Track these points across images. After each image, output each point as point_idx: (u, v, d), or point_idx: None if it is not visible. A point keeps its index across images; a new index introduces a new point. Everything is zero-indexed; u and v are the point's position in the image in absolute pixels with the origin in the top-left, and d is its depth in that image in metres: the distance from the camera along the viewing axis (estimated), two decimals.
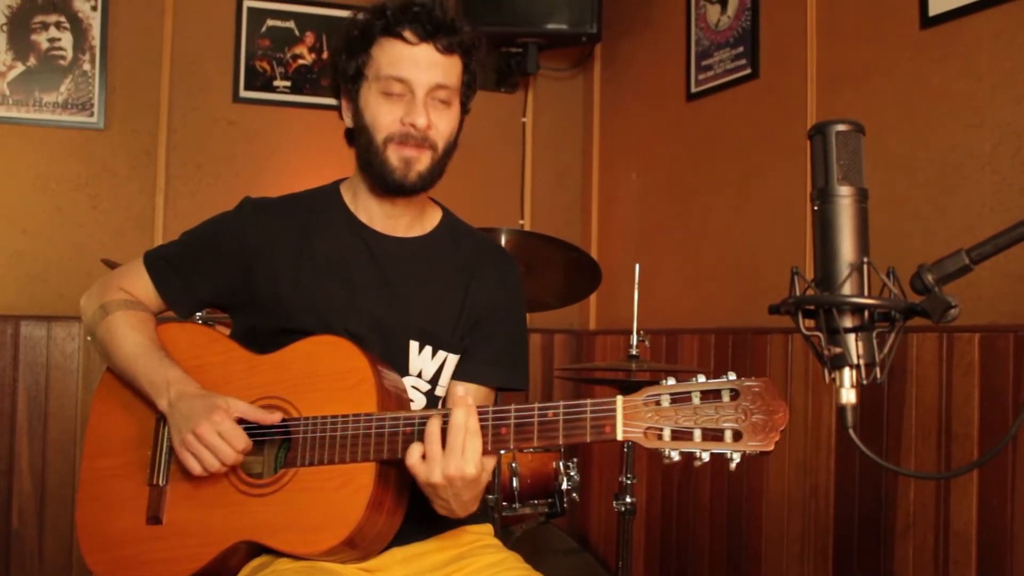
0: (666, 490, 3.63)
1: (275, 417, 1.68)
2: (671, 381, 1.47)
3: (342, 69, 1.81)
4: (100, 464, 1.83)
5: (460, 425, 1.52)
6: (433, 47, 1.76)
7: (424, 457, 1.53)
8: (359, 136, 1.80)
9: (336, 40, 1.84)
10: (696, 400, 1.44)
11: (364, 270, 1.83)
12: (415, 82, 1.75)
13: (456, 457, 1.51)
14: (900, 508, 2.63)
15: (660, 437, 1.44)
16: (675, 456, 1.43)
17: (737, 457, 1.41)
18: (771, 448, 1.40)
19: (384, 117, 1.76)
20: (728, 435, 1.41)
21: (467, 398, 1.55)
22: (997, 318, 2.44)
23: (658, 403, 1.46)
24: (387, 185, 1.79)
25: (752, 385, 1.42)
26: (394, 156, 1.76)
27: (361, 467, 1.62)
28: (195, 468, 1.67)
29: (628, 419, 1.47)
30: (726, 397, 1.43)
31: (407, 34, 1.75)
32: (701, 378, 1.46)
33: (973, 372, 2.46)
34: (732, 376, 1.44)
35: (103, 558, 1.77)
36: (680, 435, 1.43)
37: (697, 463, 1.43)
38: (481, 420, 1.56)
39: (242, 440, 1.66)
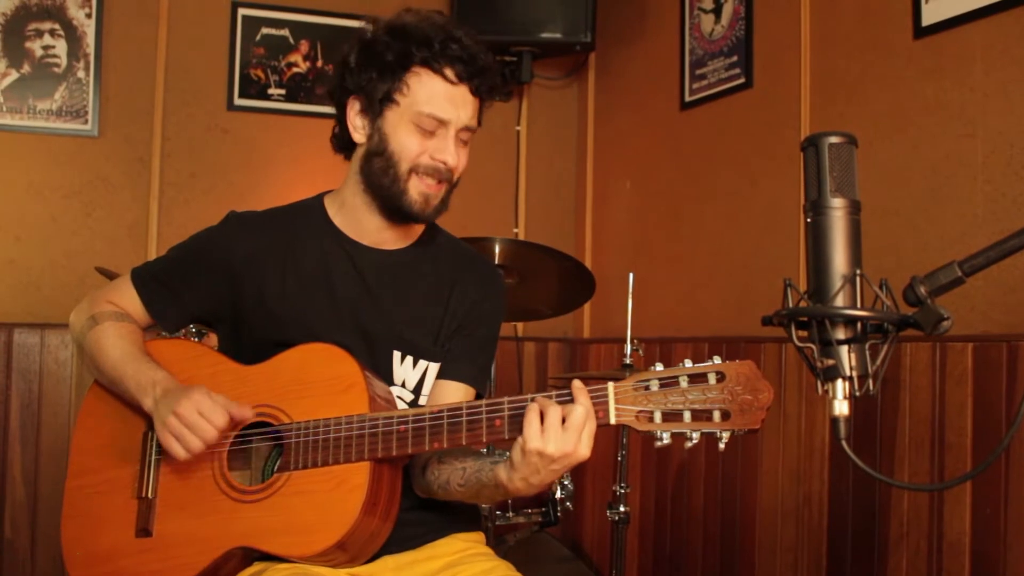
0: (659, 499, 3.63)
1: (249, 413, 1.69)
2: (659, 367, 1.52)
3: (367, 87, 1.78)
4: (84, 481, 1.83)
5: (589, 408, 1.51)
6: (469, 88, 1.78)
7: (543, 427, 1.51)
8: (374, 157, 1.79)
9: (358, 53, 1.81)
10: (684, 384, 1.49)
11: (348, 282, 1.84)
12: (450, 121, 1.77)
13: (574, 436, 1.50)
14: (893, 517, 2.63)
15: (651, 420, 1.49)
16: (666, 438, 1.48)
17: (726, 436, 1.46)
18: (758, 426, 1.45)
19: (414, 148, 1.76)
20: (716, 415, 1.47)
21: (579, 383, 1.54)
22: (990, 327, 2.45)
23: (647, 388, 1.50)
24: (402, 214, 1.81)
25: (738, 367, 1.47)
26: (415, 190, 1.78)
27: (355, 468, 1.63)
28: (178, 451, 1.66)
29: (620, 404, 1.51)
30: (713, 380, 1.48)
31: (448, 72, 1.76)
32: (688, 363, 1.51)
33: (966, 382, 2.46)
34: (717, 359, 1.49)
35: (91, 574, 1.77)
36: (670, 417, 1.49)
37: (688, 444, 1.48)
38: (475, 412, 1.59)
39: (221, 416, 1.66)
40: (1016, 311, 2.40)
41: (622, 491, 2.86)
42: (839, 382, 1.31)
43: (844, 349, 1.30)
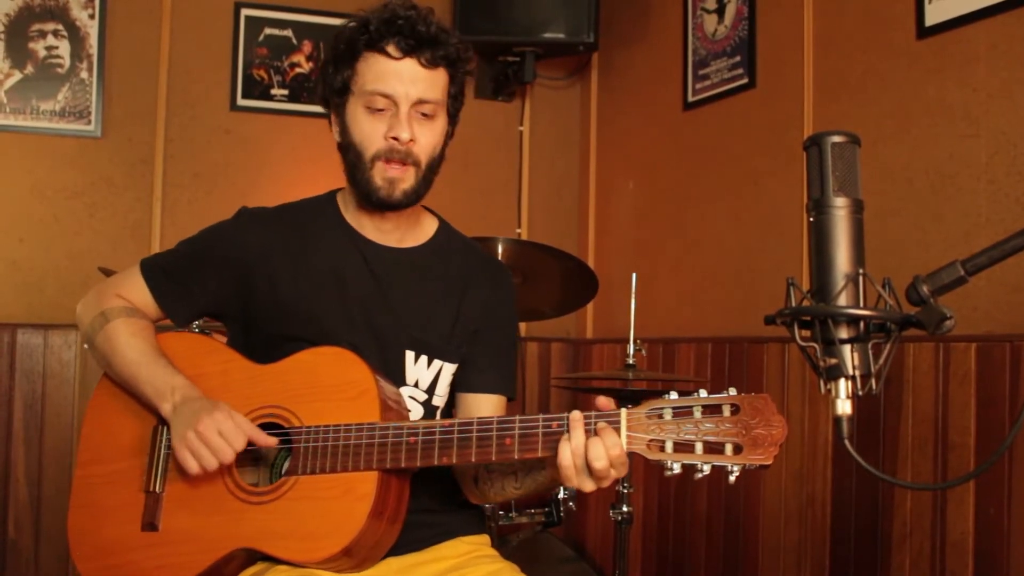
0: (663, 499, 3.63)
1: (272, 441, 1.68)
2: (673, 395, 1.50)
3: (330, 83, 1.83)
4: (94, 471, 1.83)
5: (614, 444, 1.51)
6: (416, 61, 1.77)
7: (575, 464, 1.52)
8: (347, 151, 1.82)
9: (325, 53, 1.87)
10: (698, 414, 1.47)
11: (360, 280, 1.84)
12: (398, 96, 1.76)
13: (604, 475, 1.52)
14: (897, 517, 2.63)
15: (663, 449, 1.47)
16: (676, 468, 1.47)
17: (737, 470, 1.44)
18: (770, 462, 1.44)
19: (370, 134, 1.77)
20: (729, 448, 1.45)
21: (615, 438, 1.52)
22: (993, 327, 2.45)
23: (660, 416, 1.49)
24: (373, 202, 1.81)
25: (753, 400, 1.45)
26: (379, 175, 1.78)
27: (363, 476, 1.63)
28: (192, 467, 1.66)
29: (632, 431, 1.50)
30: (727, 412, 1.46)
31: (390, 48, 1.76)
32: (703, 393, 1.49)
33: (969, 382, 2.46)
34: (733, 391, 1.47)
35: (96, 565, 1.77)
36: (682, 447, 1.47)
37: (698, 475, 1.46)
38: (486, 429, 1.58)
39: (241, 440, 1.65)
40: (1019, 311, 2.40)
41: (625, 491, 2.86)
42: (842, 381, 1.31)
43: (847, 348, 1.30)
